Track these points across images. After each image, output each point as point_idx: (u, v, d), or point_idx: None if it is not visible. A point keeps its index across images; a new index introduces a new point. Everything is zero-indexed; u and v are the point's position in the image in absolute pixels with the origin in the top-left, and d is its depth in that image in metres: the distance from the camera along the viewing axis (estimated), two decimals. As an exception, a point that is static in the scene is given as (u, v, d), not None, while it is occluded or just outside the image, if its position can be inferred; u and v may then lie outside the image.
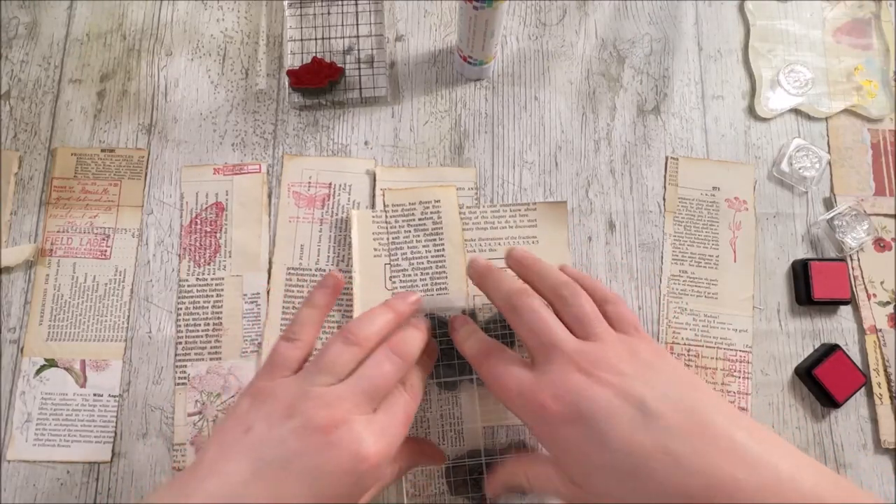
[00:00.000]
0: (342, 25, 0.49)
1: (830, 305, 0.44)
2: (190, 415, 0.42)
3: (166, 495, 0.28)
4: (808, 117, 0.48)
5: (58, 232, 0.44)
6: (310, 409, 0.30)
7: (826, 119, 0.48)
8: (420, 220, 0.44)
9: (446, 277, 0.43)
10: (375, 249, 0.44)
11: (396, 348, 0.33)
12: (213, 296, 0.43)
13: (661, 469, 0.27)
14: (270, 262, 0.44)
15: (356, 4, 0.49)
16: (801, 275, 0.44)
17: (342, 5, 0.49)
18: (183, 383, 0.42)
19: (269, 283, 0.44)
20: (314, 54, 0.47)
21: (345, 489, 0.30)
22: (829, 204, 0.47)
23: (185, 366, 0.42)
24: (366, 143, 0.47)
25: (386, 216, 0.44)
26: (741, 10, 0.51)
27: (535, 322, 0.32)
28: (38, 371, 0.42)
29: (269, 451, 0.29)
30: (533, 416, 0.31)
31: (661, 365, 0.31)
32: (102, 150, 0.46)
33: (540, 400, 0.30)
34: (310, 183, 0.45)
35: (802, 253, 0.46)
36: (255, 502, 0.28)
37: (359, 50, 0.48)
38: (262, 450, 0.29)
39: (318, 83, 0.45)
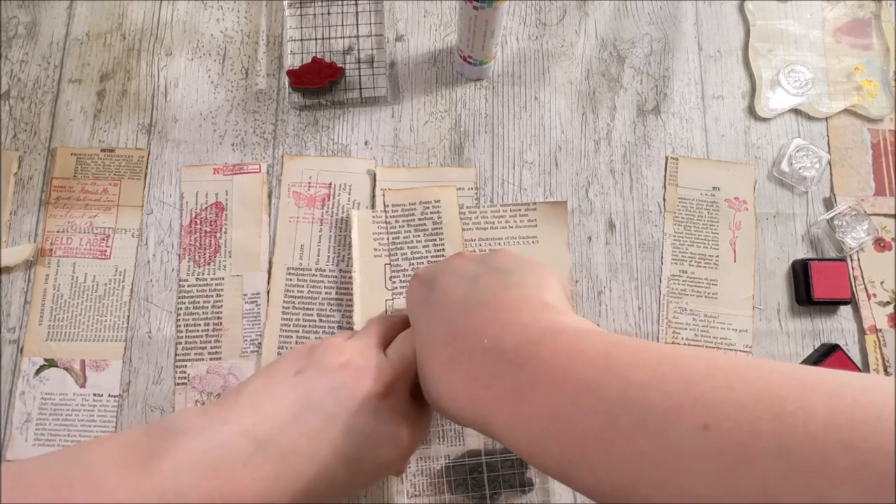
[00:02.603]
0: (342, 25, 0.49)
1: (830, 305, 0.44)
2: (190, 415, 0.41)
3: (200, 415, 0.27)
4: (808, 117, 0.48)
5: (58, 232, 0.44)
6: (362, 367, 0.30)
7: (826, 119, 0.48)
8: (420, 220, 0.44)
9: (446, 277, 0.43)
10: (375, 249, 0.44)
11: None
12: (213, 296, 0.43)
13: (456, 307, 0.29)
14: (270, 262, 0.44)
15: (356, 4, 0.49)
16: (801, 275, 0.44)
17: (342, 5, 0.49)
18: (183, 383, 0.42)
19: (269, 283, 0.44)
20: (314, 54, 0.47)
21: (379, 456, 0.29)
22: (829, 204, 0.47)
23: (185, 366, 0.42)
24: (366, 143, 0.47)
25: (386, 216, 0.44)
26: (741, 10, 0.51)
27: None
28: (38, 371, 0.42)
29: (314, 396, 0.28)
30: (410, 292, 0.34)
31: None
32: (102, 150, 0.46)
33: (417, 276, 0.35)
34: (310, 183, 0.45)
35: (802, 253, 0.46)
36: (288, 447, 0.27)
37: (359, 50, 0.48)
38: (308, 394, 0.28)
39: (318, 83, 0.45)
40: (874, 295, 0.45)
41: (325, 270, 0.44)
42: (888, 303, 0.45)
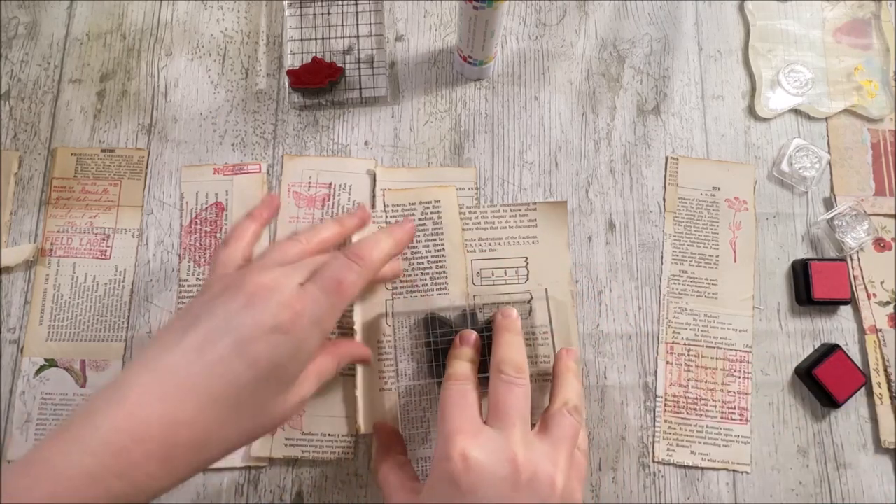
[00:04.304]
0: (342, 25, 0.49)
1: (830, 305, 0.44)
2: (190, 415, 0.41)
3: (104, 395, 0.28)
4: (808, 117, 0.48)
5: (58, 232, 0.44)
6: (249, 277, 0.31)
7: (826, 119, 0.48)
8: (420, 220, 0.44)
9: (446, 277, 0.43)
10: (375, 249, 0.44)
11: (354, 252, 0.35)
12: (213, 296, 0.43)
13: None
14: (270, 262, 0.44)
15: (356, 4, 0.49)
16: (801, 275, 0.44)
17: (342, 5, 0.49)
18: (183, 383, 0.42)
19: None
20: (314, 54, 0.47)
21: (271, 350, 0.29)
22: (829, 204, 0.47)
23: (185, 366, 0.42)
24: (366, 143, 0.47)
25: (386, 216, 0.44)
26: (741, 10, 0.51)
27: (506, 394, 0.33)
28: (38, 371, 0.42)
29: (210, 324, 0.29)
30: (440, 453, 0.31)
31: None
32: (102, 150, 0.46)
33: (456, 450, 0.30)
34: (310, 183, 0.45)
35: (802, 253, 0.46)
36: (187, 380, 0.28)
37: (359, 50, 0.48)
38: (207, 323, 0.29)
39: (318, 83, 0.45)
40: (874, 295, 0.45)
41: (325, 270, 0.44)
42: (888, 303, 0.45)
